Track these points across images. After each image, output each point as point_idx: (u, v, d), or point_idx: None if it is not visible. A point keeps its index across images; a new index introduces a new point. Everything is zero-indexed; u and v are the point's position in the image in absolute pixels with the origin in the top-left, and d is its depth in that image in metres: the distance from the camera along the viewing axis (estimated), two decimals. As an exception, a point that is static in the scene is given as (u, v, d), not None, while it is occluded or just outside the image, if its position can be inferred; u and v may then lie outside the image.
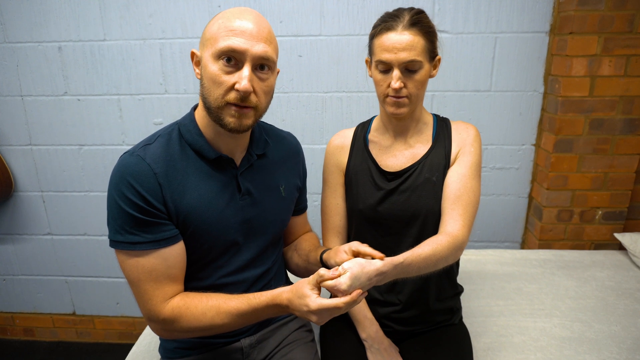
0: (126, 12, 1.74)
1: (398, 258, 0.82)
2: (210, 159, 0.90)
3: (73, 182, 1.98)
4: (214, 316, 0.85)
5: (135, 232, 0.83)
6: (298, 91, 1.81)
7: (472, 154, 1.05)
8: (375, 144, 1.13)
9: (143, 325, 2.15)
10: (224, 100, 0.82)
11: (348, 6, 1.70)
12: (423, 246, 0.89)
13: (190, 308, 0.86)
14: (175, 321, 0.86)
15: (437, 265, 0.91)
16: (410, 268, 0.85)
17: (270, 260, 1.04)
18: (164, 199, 0.85)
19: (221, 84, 0.82)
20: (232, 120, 0.84)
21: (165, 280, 0.86)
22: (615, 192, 1.74)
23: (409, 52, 0.94)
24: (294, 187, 1.07)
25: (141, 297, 0.86)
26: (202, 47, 0.85)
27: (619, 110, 1.64)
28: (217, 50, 0.80)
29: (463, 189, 1.01)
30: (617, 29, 1.55)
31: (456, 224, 0.97)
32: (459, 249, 0.95)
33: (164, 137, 0.90)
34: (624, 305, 1.39)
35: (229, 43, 0.79)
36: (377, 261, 0.80)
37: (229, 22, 0.81)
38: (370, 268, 0.78)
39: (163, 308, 0.86)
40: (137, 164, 0.84)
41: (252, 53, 0.81)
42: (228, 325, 0.86)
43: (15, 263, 2.13)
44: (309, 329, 1.15)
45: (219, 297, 0.87)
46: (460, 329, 1.16)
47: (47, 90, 1.86)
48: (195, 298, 0.87)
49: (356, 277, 0.77)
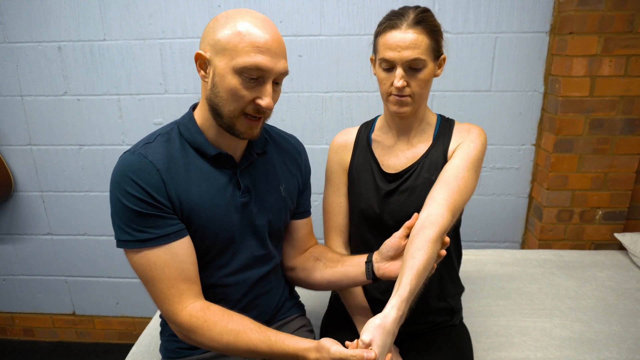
0: (126, 12, 1.74)
1: (404, 288, 0.77)
2: (210, 157, 0.91)
3: (73, 182, 1.98)
4: (230, 342, 0.83)
5: (142, 229, 0.83)
6: (298, 91, 1.81)
7: (471, 148, 1.01)
8: (378, 143, 1.13)
9: (143, 325, 2.15)
10: (240, 111, 0.84)
11: (348, 6, 1.70)
12: (416, 254, 0.82)
13: (209, 323, 0.84)
14: (191, 331, 0.85)
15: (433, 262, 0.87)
16: (418, 286, 0.80)
17: (271, 263, 1.04)
18: (168, 195, 0.85)
19: (242, 97, 0.82)
20: (244, 130, 0.86)
21: (179, 277, 0.85)
22: (616, 192, 1.74)
23: (413, 50, 0.93)
24: (295, 188, 1.07)
25: (157, 297, 0.86)
26: (215, 53, 0.81)
27: (619, 110, 1.64)
28: (242, 66, 0.79)
29: (453, 177, 0.96)
30: (617, 29, 1.55)
31: (440, 208, 0.90)
32: (445, 234, 0.90)
33: (164, 136, 0.90)
34: (624, 305, 1.39)
35: (256, 61, 0.79)
36: (390, 310, 0.73)
37: (251, 37, 0.78)
38: (388, 322, 0.72)
39: (181, 311, 0.85)
40: (140, 161, 0.84)
41: (276, 71, 0.82)
42: (241, 354, 0.85)
43: (15, 263, 2.13)
44: (310, 329, 1.15)
45: (241, 323, 0.85)
46: (460, 330, 1.16)
47: (47, 90, 1.86)
48: (217, 315, 0.85)
49: (383, 345, 0.70)
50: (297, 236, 1.12)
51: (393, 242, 0.93)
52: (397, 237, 0.93)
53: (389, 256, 0.94)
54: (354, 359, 0.69)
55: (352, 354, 0.70)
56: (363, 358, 0.68)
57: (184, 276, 0.86)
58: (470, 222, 1.92)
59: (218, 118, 0.86)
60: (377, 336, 0.70)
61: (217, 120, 0.87)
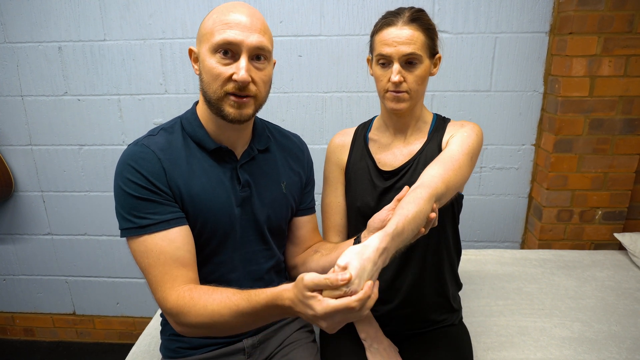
0: (126, 12, 1.74)
1: (390, 226, 0.72)
2: (210, 150, 0.92)
3: (73, 182, 1.98)
4: (215, 310, 0.78)
5: (143, 215, 0.84)
6: (298, 91, 1.81)
7: (466, 137, 1.00)
8: (375, 142, 1.14)
9: (143, 325, 2.15)
10: (222, 91, 0.84)
11: (348, 6, 1.70)
12: (406, 206, 0.79)
13: (195, 299, 0.80)
14: (180, 313, 0.81)
15: (423, 221, 0.83)
16: (404, 233, 0.75)
17: (273, 259, 1.04)
18: (169, 183, 0.87)
19: (219, 75, 0.84)
20: (232, 110, 0.86)
21: (173, 264, 0.84)
22: (615, 192, 1.74)
23: (409, 45, 0.96)
24: (297, 185, 1.07)
25: (152, 285, 0.85)
26: (199, 43, 0.87)
27: (618, 110, 1.65)
28: (214, 44, 0.83)
29: (449, 158, 0.94)
30: (617, 29, 1.55)
31: (433, 178, 0.88)
32: (436, 201, 0.87)
33: (167, 130, 0.93)
34: (624, 305, 1.39)
35: (225, 36, 0.82)
36: (371, 240, 0.68)
37: (223, 16, 0.83)
38: (369, 251, 0.66)
39: (170, 295, 0.82)
40: (141, 151, 0.87)
41: (248, 44, 0.83)
42: (230, 323, 0.78)
43: (16, 263, 2.13)
44: (310, 329, 1.16)
45: (225, 290, 0.81)
46: (460, 329, 1.16)
47: (47, 90, 1.86)
48: (202, 289, 0.82)
49: (361, 269, 0.63)
50: (300, 234, 1.12)
51: (382, 215, 0.88)
52: (386, 210, 0.89)
53: (376, 228, 0.89)
54: (328, 281, 0.62)
55: (326, 276, 0.63)
56: (337, 280, 0.62)
57: (179, 262, 0.85)
58: (470, 222, 1.92)
59: (210, 105, 0.88)
60: (354, 260, 0.64)
61: (210, 108, 0.89)
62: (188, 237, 0.88)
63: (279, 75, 1.78)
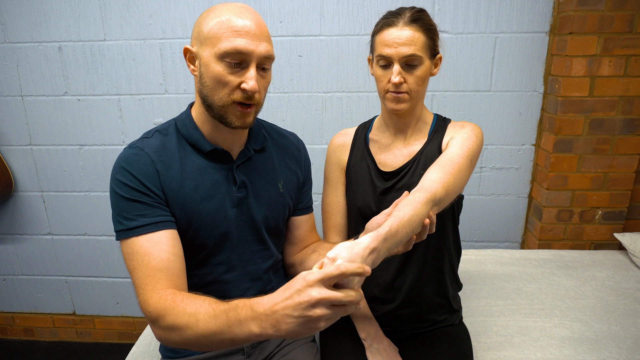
0: (126, 12, 1.74)
1: (384, 227, 0.71)
2: (205, 152, 0.92)
3: (73, 182, 1.98)
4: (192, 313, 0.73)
5: (132, 217, 0.84)
6: (298, 91, 1.81)
7: (466, 139, 1.00)
8: (375, 142, 1.14)
9: (143, 325, 2.15)
10: (230, 99, 0.84)
11: (348, 6, 1.70)
12: (402, 208, 0.78)
13: (176, 302, 0.76)
14: (160, 316, 0.76)
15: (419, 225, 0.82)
16: (398, 235, 0.74)
17: (271, 259, 1.04)
18: (162, 185, 0.87)
19: (227, 84, 0.83)
20: (235, 119, 0.86)
21: (157, 266, 0.81)
22: (615, 192, 1.74)
23: (409, 46, 0.95)
24: (294, 184, 1.07)
25: (136, 288, 0.83)
26: (200, 44, 0.84)
27: (618, 111, 1.65)
28: (222, 51, 0.81)
29: (448, 161, 0.94)
30: (617, 29, 1.55)
31: (433, 183, 0.87)
32: (435, 205, 0.87)
33: (162, 132, 0.93)
34: (624, 305, 1.39)
35: (235, 45, 0.80)
36: (363, 239, 0.67)
37: (230, 22, 0.81)
38: (359, 247, 0.65)
39: (151, 298, 0.79)
40: (135, 153, 0.87)
41: (258, 54, 0.82)
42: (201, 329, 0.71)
43: (16, 263, 2.13)
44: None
45: (208, 298, 0.75)
46: (460, 329, 1.16)
47: (47, 90, 1.86)
48: (185, 294, 0.78)
49: (349, 262, 0.62)
50: (297, 233, 1.12)
51: (379, 219, 0.86)
52: (384, 214, 0.87)
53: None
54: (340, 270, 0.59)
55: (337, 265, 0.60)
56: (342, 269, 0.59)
57: (163, 265, 0.82)
58: (470, 222, 1.92)
59: (210, 109, 0.88)
60: (343, 252, 0.63)
61: (210, 112, 0.88)
62: (175, 240, 0.86)
63: (279, 75, 1.79)
